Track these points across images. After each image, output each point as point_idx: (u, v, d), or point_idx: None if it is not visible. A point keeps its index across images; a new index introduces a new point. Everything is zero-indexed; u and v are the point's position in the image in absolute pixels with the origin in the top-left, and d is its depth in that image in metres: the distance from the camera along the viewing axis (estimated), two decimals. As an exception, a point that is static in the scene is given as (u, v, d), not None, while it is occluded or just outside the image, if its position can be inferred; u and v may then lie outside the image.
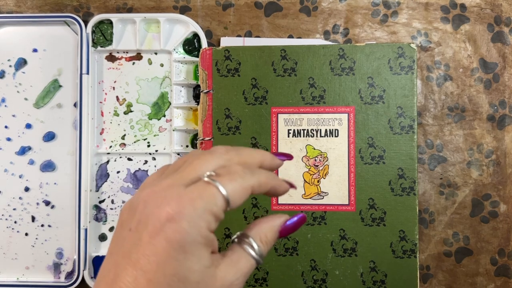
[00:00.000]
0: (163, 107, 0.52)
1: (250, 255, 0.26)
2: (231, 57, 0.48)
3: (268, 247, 0.27)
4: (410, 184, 0.46)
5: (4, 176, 0.52)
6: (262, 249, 0.27)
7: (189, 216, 0.23)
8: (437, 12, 0.51)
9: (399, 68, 0.47)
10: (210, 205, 0.24)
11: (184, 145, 0.51)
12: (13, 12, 0.53)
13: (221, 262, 0.26)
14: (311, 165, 0.47)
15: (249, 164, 0.27)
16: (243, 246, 0.27)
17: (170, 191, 0.24)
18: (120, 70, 0.52)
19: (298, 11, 0.52)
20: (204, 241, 0.24)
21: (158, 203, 0.24)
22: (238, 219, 0.47)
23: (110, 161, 0.52)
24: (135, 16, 0.51)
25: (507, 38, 0.50)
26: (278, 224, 0.28)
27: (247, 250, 0.27)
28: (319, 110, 0.47)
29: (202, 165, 0.26)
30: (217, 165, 0.26)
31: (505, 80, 0.50)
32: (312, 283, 0.47)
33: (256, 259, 0.26)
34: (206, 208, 0.24)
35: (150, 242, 0.23)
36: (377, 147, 0.47)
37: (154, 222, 0.23)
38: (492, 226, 0.50)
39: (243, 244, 0.27)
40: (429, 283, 0.50)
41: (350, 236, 0.47)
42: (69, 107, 0.52)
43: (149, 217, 0.24)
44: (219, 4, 0.52)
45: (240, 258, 0.26)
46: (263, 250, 0.27)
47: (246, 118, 0.48)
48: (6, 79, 0.52)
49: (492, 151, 0.50)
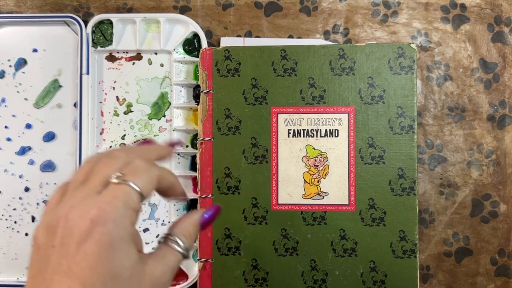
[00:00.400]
0: (163, 107, 0.52)
1: (175, 250, 0.29)
2: (231, 57, 0.48)
3: (191, 240, 0.30)
4: (410, 184, 0.46)
5: (4, 176, 0.52)
6: (187, 243, 0.29)
7: (112, 217, 0.25)
8: (437, 12, 0.51)
9: (399, 68, 0.47)
10: (128, 202, 0.26)
11: (184, 145, 0.51)
12: (13, 12, 0.53)
13: (148, 259, 0.27)
14: (311, 165, 0.47)
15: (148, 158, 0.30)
16: (168, 243, 0.29)
17: (86, 202, 0.26)
18: (120, 70, 0.52)
19: (298, 11, 0.52)
20: (131, 237, 0.26)
21: (79, 214, 0.25)
22: (238, 219, 0.47)
23: (110, 161, 0.52)
24: (135, 16, 0.51)
25: (507, 38, 0.50)
26: (197, 218, 0.31)
27: (172, 246, 0.29)
28: (319, 110, 0.47)
29: (106, 169, 0.27)
30: (119, 166, 0.28)
31: (505, 80, 0.50)
32: (312, 283, 0.47)
33: (182, 253, 0.29)
34: (125, 205, 0.26)
35: (80, 250, 0.24)
36: (377, 147, 0.47)
37: (80, 231, 0.25)
38: (492, 226, 0.50)
39: (168, 242, 0.29)
40: (429, 283, 0.50)
41: (350, 236, 0.47)
42: (69, 107, 0.52)
43: (73, 229, 0.25)
44: (219, 4, 0.52)
45: (166, 254, 0.28)
46: (187, 244, 0.29)
47: (246, 118, 0.48)
48: (6, 79, 0.52)
49: (492, 151, 0.50)
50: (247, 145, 0.48)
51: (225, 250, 0.47)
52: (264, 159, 0.47)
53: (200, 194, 0.48)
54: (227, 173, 0.48)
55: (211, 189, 0.48)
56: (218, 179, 0.48)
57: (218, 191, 0.48)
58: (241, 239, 0.47)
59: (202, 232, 0.48)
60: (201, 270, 0.47)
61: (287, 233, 0.47)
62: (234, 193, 0.47)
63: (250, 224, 0.47)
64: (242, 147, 0.48)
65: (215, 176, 0.48)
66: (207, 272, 0.47)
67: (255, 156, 0.47)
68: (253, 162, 0.47)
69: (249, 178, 0.47)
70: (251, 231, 0.47)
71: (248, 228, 0.47)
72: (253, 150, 0.48)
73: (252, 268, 0.47)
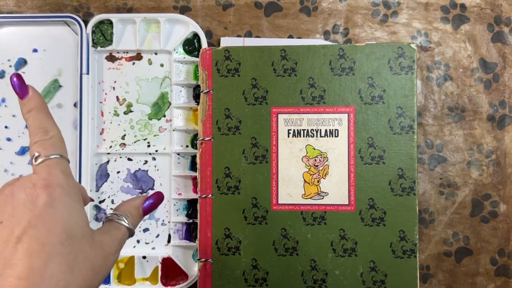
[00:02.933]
0: (163, 107, 0.52)
1: (121, 224, 0.31)
2: (231, 57, 0.48)
3: (134, 220, 0.32)
4: (410, 184, 0.46)
5: (4, 176, 0.52)
6: (130, 220, 0.32)
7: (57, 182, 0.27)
8: (437, 12, 0.51)
9: (399, 68, 0.47)
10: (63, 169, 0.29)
11: (184, 145, 0.51)
12: (13, 12, 0.53)
13: (96, 231, 0.29)
14: (311, 165, 0.47)
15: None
16: (113, 219, 0.31)
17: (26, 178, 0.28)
18: (120, 70, 0.52)
19: (298, 11, 0.52)
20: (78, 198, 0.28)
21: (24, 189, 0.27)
22: (238, 219, 0.47)
23: (110, 161, 0.52)
24: (135, 16, 0.51)
25: (507, 38, 0.50)
26: (139, 202, 0.33)
27: (117, 221, 0.31)
28: (319, 110, 0.47)
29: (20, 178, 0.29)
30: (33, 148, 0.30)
31: (505, 80, 0.50)
32: (312, 283, 0.47)
33: (127, 227, 0.31)
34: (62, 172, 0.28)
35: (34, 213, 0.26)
36: (377, 147, 0.47)
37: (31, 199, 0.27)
38: (492, 226, 0.50)
39: (113, 218, 0.31)
40: (429, 283, 0.50)
41: (350, 236, 0.47)
42: (69, 107, 0.52)
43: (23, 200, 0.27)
44: (219, 4, 0.52)
45: (112, 228, 0.31)
46: (131, 221, 0.32)
47: (246, 118, 0.48)
48: (6, 79, 0.52)
49: (492, 151, 0.50)
50: (247, 145, 0.48)
51: (225, 250, 0.47)
52: (264, 159, 0.47)
53: (200, 194, 0.48)
54: (227, 173, 0.48)
55: (211, 189, 0.48)
56: (218, 179, 0.48)
57: (218, 191, 0.48)
58: (241, 239, 0.47)
59: (202, 232, 0.48)
60: (201, 270, 0.47)
61: (287, 233, 0.47)
62: (234, 193, 0.47)
63: (250, 224, 0.47)
64: (242, 147, 0.48)
65: (215, 176, 0.48)
66: (207, 272, 0.47)
67: (255, 156, 0.47)
68: (253, 162, 0.47)
69: (249, 178, 0.47)
70: (251, 231, 0.47)
71: (248, 228, 0.47)
72: (253, 150, 0.48)
73: (252, 268, 0.47)
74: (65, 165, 0.29)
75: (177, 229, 0.51)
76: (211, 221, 0.48)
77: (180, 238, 0.51)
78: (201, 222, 0.48)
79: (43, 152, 0.29)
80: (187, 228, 0.51)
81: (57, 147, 0.30)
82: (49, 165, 0.28)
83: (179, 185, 0.51)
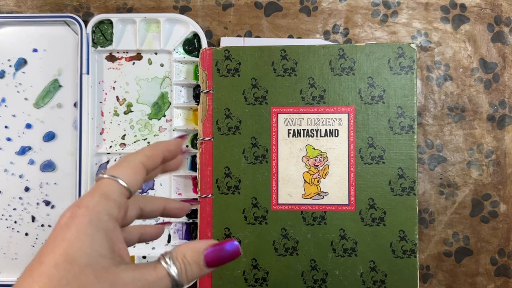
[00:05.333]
0: (163, 107, 0.52)
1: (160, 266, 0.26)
2: (231, 57, 0.48)
3: (185, 266, 0.26)
4: (410, 184, 0.46)
5: (4, 176, 0.52)
6: (178, 266, 0.26)
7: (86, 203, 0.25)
8: (437, 12, 0.51)
9: (399, 68, 0.47)
10: (108, 193, 0.26)
11: (184, 145, 0.51)
12: (13, 12, 0.53)
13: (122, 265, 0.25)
14: (311, 165, 0.47)
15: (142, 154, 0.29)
16: (159, 259, 0.26)
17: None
18: (120, 70, 0.52)
19: (298, 11, 0.52)
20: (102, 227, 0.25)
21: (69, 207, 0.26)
22: (238, 219, 0.47)
23: (110, 161, 0.52)
24: (135, 16, 0.51)
25: (507, 38, 0.50)
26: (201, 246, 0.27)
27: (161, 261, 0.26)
28: (319, 110, 0.47)
29: None
30: None
31: (505, 80, 0.50)
32: (312, 283, 0.47)
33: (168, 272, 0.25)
34: (102, 195, 0.26)
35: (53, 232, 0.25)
36: (377, 147, 0.47)
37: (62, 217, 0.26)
38: (492, 226, 0.50)
39: (160, 258, 0.26)
40: (429, 283, 0.50)
41: (350, 236, 0.47)
42: (69, 107, 0.52)
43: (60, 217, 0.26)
44: (219, 4, 0.52)
45: (148, 267, 0.25)
46: (179, 267, 0.26)
47: (246, 118, 0.48)
48: (6, 79, 0.52)
49: (492, 151, 0.50)
50: (247, 145, 0.48)
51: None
52: (264, 159, 0.47)
53: (200, 194, 0.48)
54: (227, 173, 0.48)
55: (211, 189, 0.48)
56: (218, 179, 0.48)
57: (218, 191, 0.48)
58: (241, 239, 0.47)
59: (202, 232, 0.47)
60: (201, 270, 0.47)
61: (287, 233, 0.47)
62: (234, 193, 0.47)
63: (250, 224, 0.47)
64: (242, 147, 0.48)
65: (215, 176, 0.48)
66: (207, 272, 0.47)
67: (255, 156, 0.47)
68: (253, 162, 0.47)
69: (249, 178, 0.47)
70: (251, 231, 0.47)
71: (248, 228, 0.47)
72: (253, 150, 0.48)
73: (252, 268, 0.47)
74: (112, 188, 0.26)
75: (177, 229, 0.51)
76: (211, 221, 0.48)
77: (180, 238, 0.51)
78: (201, 222, 0.48)
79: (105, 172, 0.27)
80: (187, 228, 0.51)
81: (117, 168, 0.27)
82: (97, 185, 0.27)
83: (179, 185, 0.51)
